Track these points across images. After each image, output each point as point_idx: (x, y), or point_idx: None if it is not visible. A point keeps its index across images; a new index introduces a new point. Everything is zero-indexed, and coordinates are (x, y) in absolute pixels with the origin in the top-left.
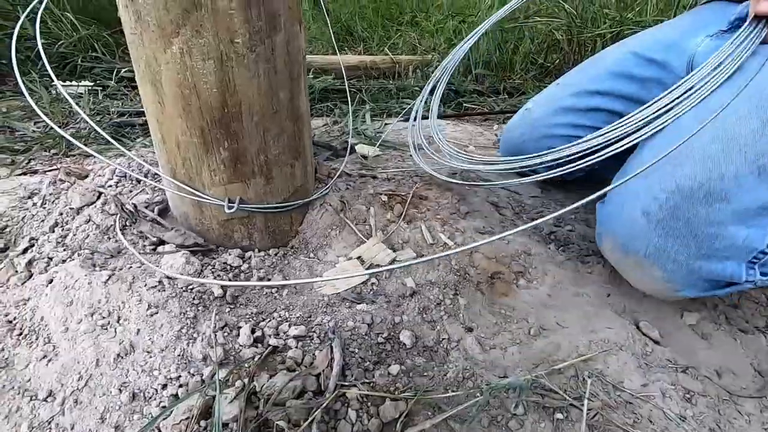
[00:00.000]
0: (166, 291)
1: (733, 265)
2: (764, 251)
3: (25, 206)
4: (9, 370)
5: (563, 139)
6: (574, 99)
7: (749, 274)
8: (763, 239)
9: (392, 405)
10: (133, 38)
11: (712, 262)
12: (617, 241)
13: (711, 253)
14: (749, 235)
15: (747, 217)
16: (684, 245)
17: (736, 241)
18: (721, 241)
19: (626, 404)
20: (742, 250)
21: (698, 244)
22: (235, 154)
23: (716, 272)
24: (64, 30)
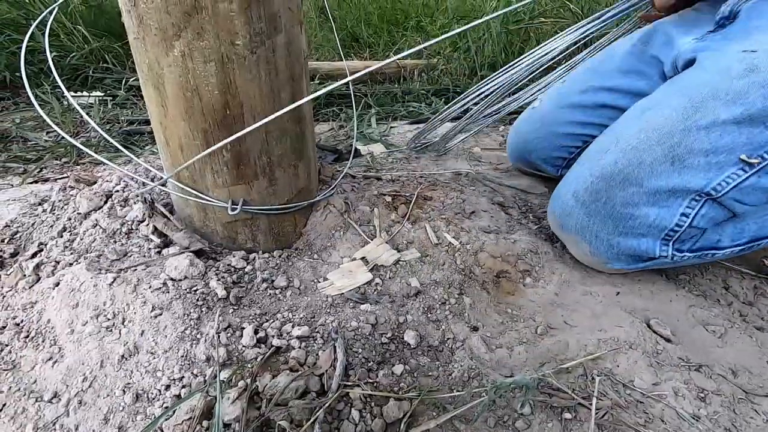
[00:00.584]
0: (170, 293)
1: (648, 241)
2: (674, 229)
3: (35, 213)
4: (15, 372)
5: (571, 137)
6: (580, 96)
7: (663, 249)
8: (672, 219)
9: (396, 405)
10: (136, 43)
11: (629, 239)
12: (556, 220)
13: (627, 230)
14: (659, 215)
15: (658, 199)
16: (603, 223)
17: (648, 220)
18: (634, 220)
19: (637, 403)
20: (654, 228)
21: (615, 223)
22: (238, 156)
23: (633, 248)
24: (76, 42)
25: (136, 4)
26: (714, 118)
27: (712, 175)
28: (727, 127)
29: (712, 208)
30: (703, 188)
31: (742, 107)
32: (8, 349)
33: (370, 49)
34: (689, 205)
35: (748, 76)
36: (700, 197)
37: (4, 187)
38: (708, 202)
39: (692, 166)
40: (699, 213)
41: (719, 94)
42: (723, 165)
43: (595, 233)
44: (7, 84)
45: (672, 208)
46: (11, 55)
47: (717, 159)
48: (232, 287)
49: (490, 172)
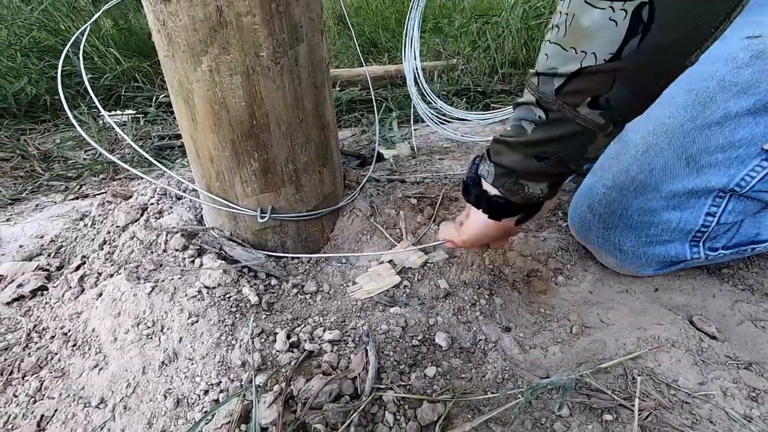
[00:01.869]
0: (205, 300)
1: (676, 246)
2: (701, 230)
3: (77, 227)
4: (65, 379)
5: None
6: None
7: (693, 251)
8: (697, 220)
9: (430, 407)
10: (166, 60)
11: (655, 247)
12: (578, 233)
13: (651, 239)
14: (682, 218)
15: (679, 203)
16: (624, 236)
17: (671, 225)
18: (656, 227)
19: (682, 404)
20: (680, 232)
21: (637, 234)
22: (265, 165)
23: (661, 255)
24: (109, 64)
25: (166, 24)
26: (725, 111)
27: (734, 171)
28: (741, 120)
29: (740, 203)
30: (726, 185)
31: (754, 97)
32: (57, 357)
33: (389, 53)
34: (714, 203)
35: (755, 63)
36: (725, 194)
37: (49, 204)
38: (734, 197)
39: (710, 164)
40: (726, 210)
41: (727, 86)
42: (744, 158)
43: (619, 246)
44: (47, 107)
45: (695, 209)
46: (51, 80)
47: (737, 153)
48: (263, 293)
49: None
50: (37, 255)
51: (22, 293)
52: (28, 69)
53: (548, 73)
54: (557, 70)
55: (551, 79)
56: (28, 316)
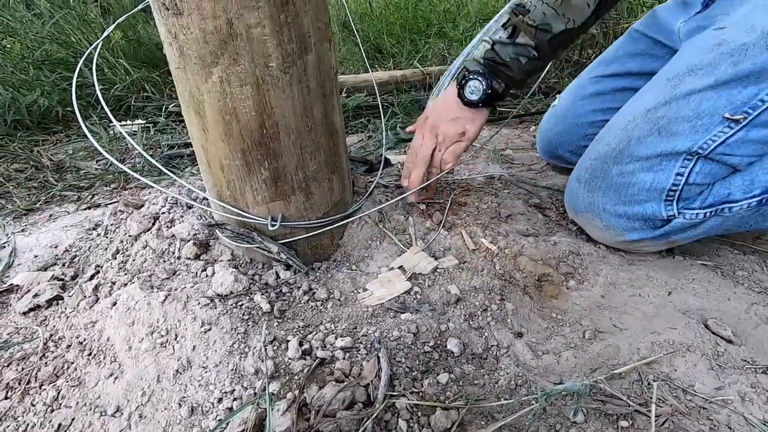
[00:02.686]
0: (218, 308)
1: (652, 205)
2: (672, 189)
3: (90, 237)
4: (81, 388)
5: (593, 124)
6: (595, 85)
7: (668, 209)
8: (668, 179)
9: (443, 414)
10: (178, 72)
11: (634, 206)
12: (569, 205)
13: (629, 198)
14: (655, 178)
15: (651, 165)
16: (606, 196)
17: (645, 185)
18: (633, 186)
19: (700, 409)
20: (653, 191)
21: (617, 193)
22: (276, 173)
23: (640, 213)
24: (119, 75)
25: (177, 37)
26: (690, 89)
27: (699, 137)
28: (705, 93)
29: (706, 165)
30: (690, 148)
31: (714, 76)
32: (74, 366)
33: (394, 59)
34: (682, 165)
35: (717, 48)
36: (692, 156)
37: (62, 215)
38: (700, 159)
39: (678, 132)
40: (693, 170)
41: (694, 68)
42: (708, 126)
43: (602, 206)
44: (60, 118)
45: (666, 170)
46: (62, 91)
47: (701, 122)
48: (275, 301)
49: (523, 173)
50: (51, 265)
51: (38, 303)
52: (40, 81)
53: (544, 27)
54: (551, 26)
55: (545, 33)
56: (44, 326)
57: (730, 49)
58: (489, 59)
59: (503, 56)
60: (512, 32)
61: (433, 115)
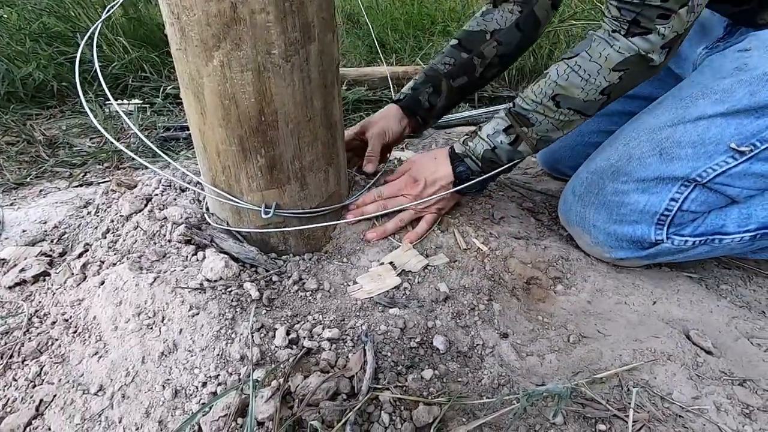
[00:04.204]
0: (207, 293)
1: (642, 227)
2: (664, 213)
3: (80, 215)
4: (65, 365)
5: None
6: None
7: (657, 233)
8: (661, 204)
9: (426, 410)
10: (178, 54)
11: (624, 226)
12: (562, 216)
13: (620, 218)
14: (649, 201)
15: (647, 187)
16: (598, 213)
17: (638, 206)
18: (625, 207)
19: (676, 417)
20: (645, 214)
21: (608, 211)
22: (272, 161)
23: (629, 234)
24: (117, 53)
25: (179, 17)
26: (701, 113)
27: (700, 164)
28: (714, 120)
29: (702, 193)
30: (688, 175)
31: (728, 104)
32: (58, 343)
33: (396, 54)
34: (678, 190)
35: (736, 74)
36: (689, 183)
37: (53, 191)
38: (697, 187)
39: (680, 156)
40: (689, 197)
41: (708, 92)
42: (711, 154)
43: (593, 222)
44: (54, 93)
45: (661, 194)
46: (58, 66)
47: (705, 149)
48: (264, 289)
49: (518, 177)
50: (40, 241)
51: (24, 278)
52: (36, 54)
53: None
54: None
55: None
56: (30, 301)
57: (750, 77)
58: (487, 159)
59: (501, 157)
60: (514, 140)
61: (420, 172)
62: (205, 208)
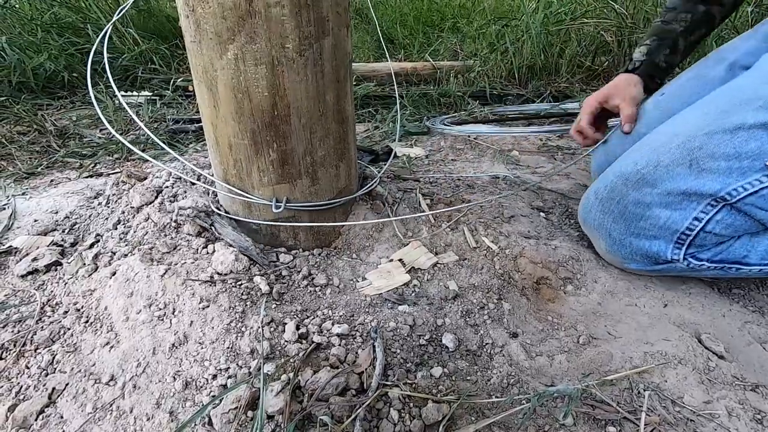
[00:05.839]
0: (217, 286)
1: (660, 243)
2: (685, 233)
3: (91, 205)
4: (77, 354)
5: None
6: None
7: (674, 253)
8: (683, 222)
9: (435, 407)
10: (193, 46)
11: (641, 240)
12: (580, 215)
13: (638, 231)
14: (671, 217)
15: (671, 201)
16: (615, 222)
17: (659, 221)
18: (645, 221)
19: (687, 421)
20: (666, 230)
21: (627, 223)
22: (283, 156)
23: (644, 249)
24: (127, 44)
25: (194, 10)
26: (741, 122)
27: (731, 180)
28: (755, 132)
29: (730, 215)
30: (717, 192)
31: None
32: (70, 332)
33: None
34: (704, 209)
35: None
36: (717, 202)
37: (63, 181)
38: (725, 208)
39: (711, 170)
40: (714, 218)
41: (753, 99)
42: (746, 171)
43: (609, 231)
44: (65, 84)
45: (685, 211)
46: (69, 56)
47: (740, 164)
48: (274, 283)
49: (528, 175)
50: (51, 230)
51: (36, 267)
52: (47, 45)
53: None
54: None
55: None
56: (42, 290)
57: None
58: None
59: None
60: None
61: None
62: (215, 201)
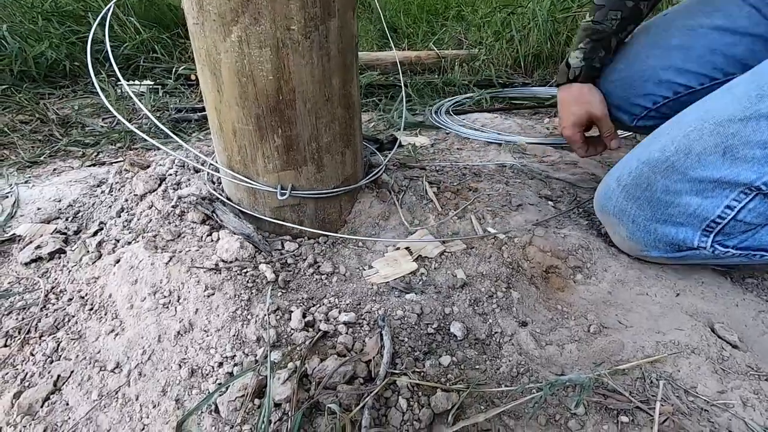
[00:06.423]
0: (222, 274)
1: (687, 230)
2: (716, 221)
3: (94, 193)
4: (82, 342)
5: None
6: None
7: (702, 240)
8: (714, 210)
9: (444, 396)
10: (195, 28)
11: (667, 226)
12: (598, 201)
13: (665, 217)
14: (702, 205)
15: (702, 189)
16: (641, 208)
17: (689, 209)
18: (674, 207)
19: (701, 411)
20: (695, 218)
21: (653, 209)
22: (289, 142)
23: (670, 236)
24: (129, 33)
25: None
26: None
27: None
28: None
29: (763, 203)
30: (753, 182)
31: None
32: (74, 320)
33: (409, 39)
34: (736, 197)
35: None
36: (750, 191)
37: (66, 169)
38: (759, 196)
39: (746, 158)
40: (746, 207)
41: None
42: None
43: (633, 217)
44: (66, 73)
45: (716, 199)
46: (70, 45)
47: None
48: (280, 271)
49: (535, 164)
50: (55, 218)
51: (40, 255)
52: (48, 33)
53: None
54: None
55: None
56: (46, 278)
57: None
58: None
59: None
60: None
61: None
62: (219, 189)
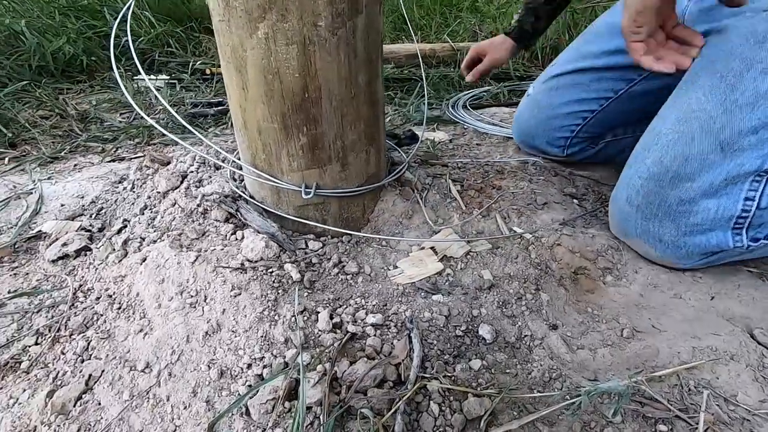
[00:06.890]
0: (248, 273)
1: (718, 234)
2: (742, 216)
3: (116, 190)
4: (111, 341)
5: (570, 116)
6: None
7: (736, 240)
8: (735, 205)
9: (476, 401)
10: (221, 25)
11: (696, 236)
12: (617, 226)
13: (691, 229)
14: (721, 204)
15: (716, 190)
16: (663, 226)
17: (710, 213)
18: (696, 216)
19: (743, 421)
20: (720, 219)
21: (676, 224)
22: (314, 140)
23: (702, 245)
24: (143, 28)
25: None
26: (755, 91)
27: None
28: None
29: None
30: (760, 167)
31: None
32: (103, 318)
33: (422, 31)
34: (751, 187)
35: None
36: (761, 176)
37: (87, 165)
38: None
39: (743, 147)
40: (765, 193)
41: (753, 64)
42: None
43: (659, 237)
44: (84, 67)
45: (732, 194)
46: (87, 40)
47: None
48: (305, 271)
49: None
50: (79, 215)
51: (66, 252)
52: (66, 28)
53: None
54: None
55: None
56: (73, 276)
57: None
58: None
59: None
60: None
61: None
62: (241, 186)
